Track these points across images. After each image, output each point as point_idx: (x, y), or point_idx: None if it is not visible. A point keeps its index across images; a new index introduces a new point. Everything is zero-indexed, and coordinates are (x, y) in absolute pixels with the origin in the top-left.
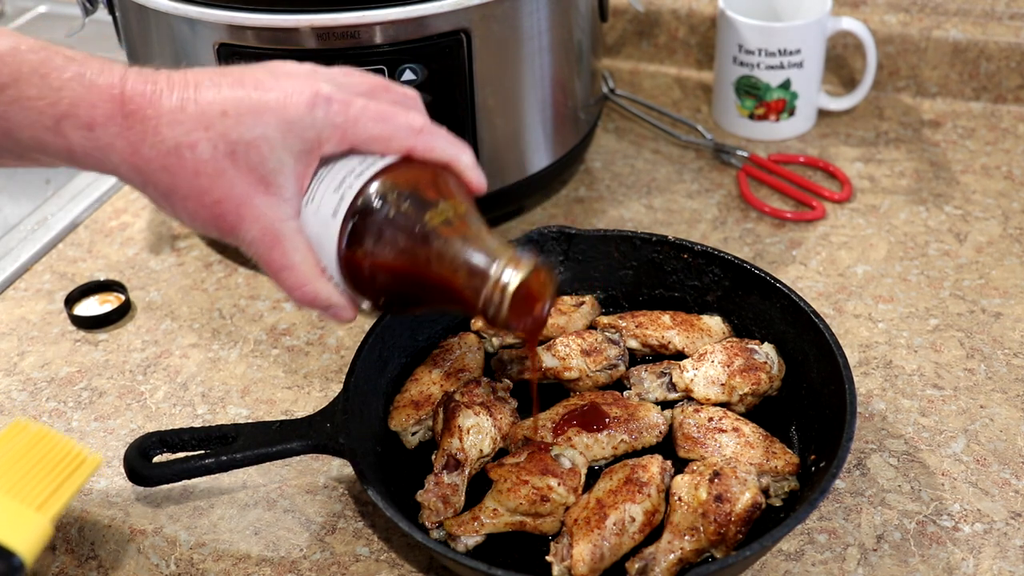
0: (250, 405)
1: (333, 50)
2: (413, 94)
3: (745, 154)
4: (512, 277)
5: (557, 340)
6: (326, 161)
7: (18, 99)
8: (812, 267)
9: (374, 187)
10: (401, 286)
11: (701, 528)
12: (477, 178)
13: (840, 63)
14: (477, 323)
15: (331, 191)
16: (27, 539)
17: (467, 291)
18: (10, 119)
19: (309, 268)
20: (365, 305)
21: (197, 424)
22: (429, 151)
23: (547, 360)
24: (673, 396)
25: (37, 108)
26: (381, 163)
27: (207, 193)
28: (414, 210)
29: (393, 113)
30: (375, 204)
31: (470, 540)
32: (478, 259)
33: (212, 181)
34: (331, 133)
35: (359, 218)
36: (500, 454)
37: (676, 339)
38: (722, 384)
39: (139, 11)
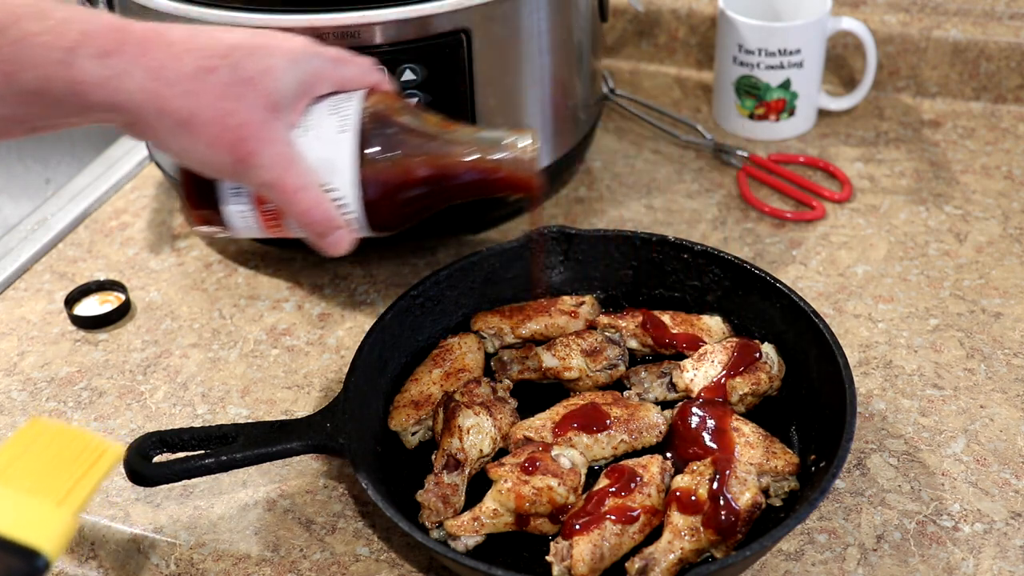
0: (250, 405)
1: None
2: None
3: (745, 154)
4: (527, 140)
5: (557, 340)
6: (311, 100)
7: (23, 38)
8: (812, 267)
9: (370, 105)
10: (423, 183)
11: (701, 528)
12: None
13: (840, 63)
14: (476, 323)
15: (327, 116)
16: (51, 536)
17: (491, 163)
18: (15, 60)
19: (320, 188)
20: (366, 231)
21: (197, 424)
22: (386, 83)
23: (547, 360)
24: (673, 396)
25: (44, 43)
26: (361, 92)
27: (231, 115)
28: (414, 116)
29: (354, 56)
30: (381, 115)
31: (470, 540)
32: (492, 135)
33: (235, 103)
34: (326, 71)
35: (372, 129)
36: (500, 454)
37: (676, 339)
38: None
39: (140, 11)
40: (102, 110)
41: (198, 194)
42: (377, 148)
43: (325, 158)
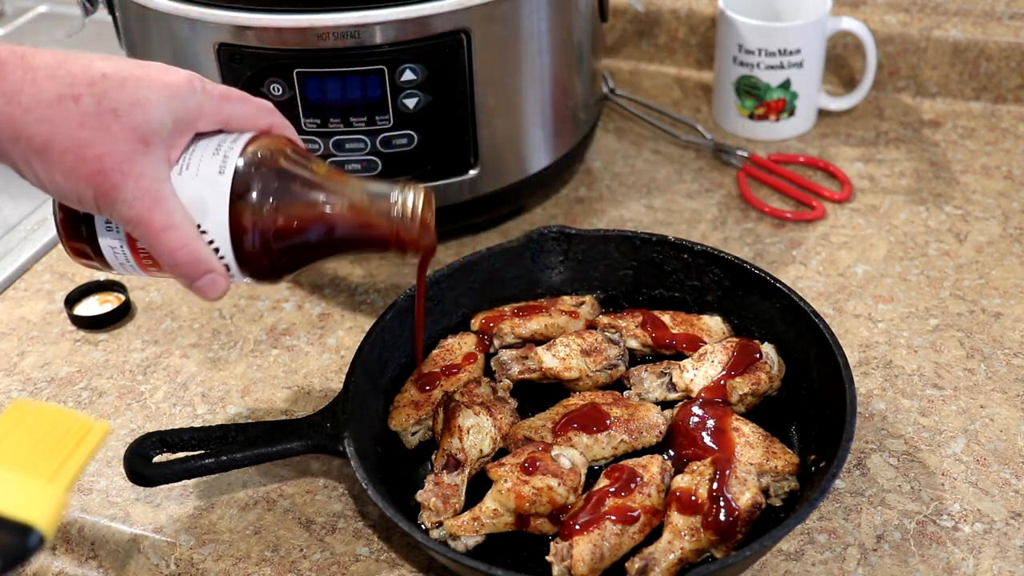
0: (250, 405)
1: (333, 50)
2: None
3: (745, 154)
4: (414, 196)
5: (557, 340)
6: (195, 137)
7: None
8: (812, 267)
9: (254, 148)
10: (299, 233)
11: (701, 528)
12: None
13: (840, 63)
14: (476, 323)
15: (209, 156)
16: (44, 512)
17: (375, 218)
18: None
19: (190, 229)
20: (241, 278)
21: (197, 424)
22: (284, 128)
23: (547, 360)
24: (673, 396)
25: None
26: (249, 134)
27: (90, 146)
28: (300, 163)
29: (249, 96)
30: (264, 159)
31: (470, 540)
32: (380, 189)
33: (96, 134)
34: (209, 107)
35: (251, 173)
36: (500, 454)
37: (676, 339)
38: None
39: (139, 11)
40: None
41: (71, 226)
42: (253, 193)
43: (199, 198)
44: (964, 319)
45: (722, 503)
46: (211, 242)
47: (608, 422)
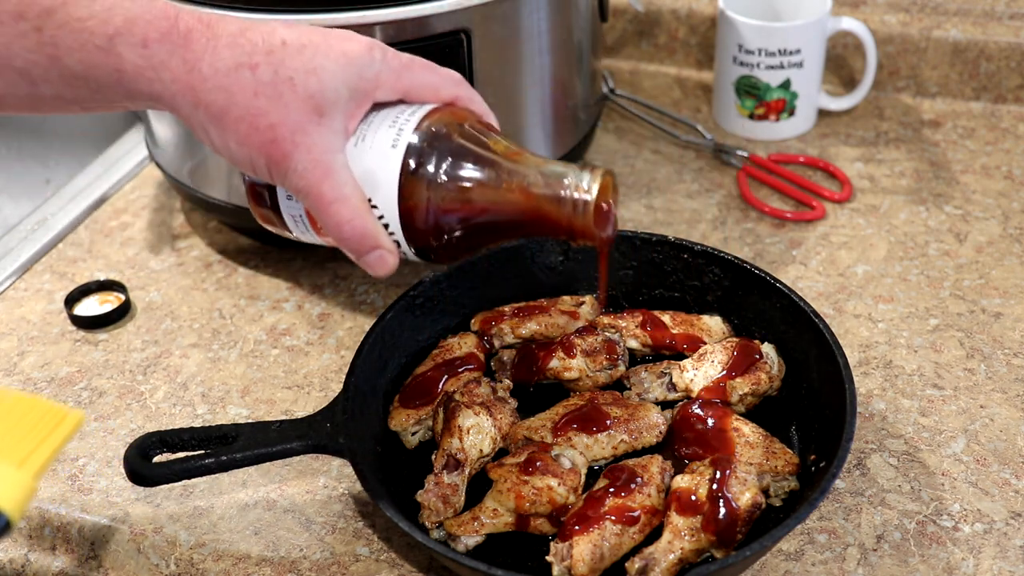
0: (250, 405)
1: None
2: None
3: (745, 154)
4: (591, 180)
5: (557, 340)
6: (375, 107)
7: (67, 22)
8: (812, 267)
9: (431, 121)
10: (469, 213)
11: (701, 528)
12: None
13: (840, 63)
14: (476, 323)
15: (385, 127)
16: (11, 496)
17: (546, 203)
18: (59, 44)
19: (360, 202)
20: (411, 253)
21: (197, 424)
22: (471, 101)
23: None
24: (673, 396)
25: (88, 28)
26: (429, 106)
27: (264, 115)
28: (477, 139)
29: (436, 66)
30: (439, 133)
31: (470, 540)
32: (554, 170)
33: (271, 103)
34: (387, 76)
35: (424, 148)
36: (500, 454)
37: (676, 339)
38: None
39: None
40: (144, 98)
41: (256, 193)
42: (426, 169)
43: (371, 172)
44: (964, 319)
45: (722, 503)
46: (381, 217)
47: (608, 422)
